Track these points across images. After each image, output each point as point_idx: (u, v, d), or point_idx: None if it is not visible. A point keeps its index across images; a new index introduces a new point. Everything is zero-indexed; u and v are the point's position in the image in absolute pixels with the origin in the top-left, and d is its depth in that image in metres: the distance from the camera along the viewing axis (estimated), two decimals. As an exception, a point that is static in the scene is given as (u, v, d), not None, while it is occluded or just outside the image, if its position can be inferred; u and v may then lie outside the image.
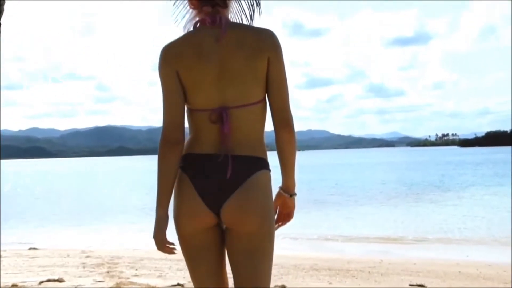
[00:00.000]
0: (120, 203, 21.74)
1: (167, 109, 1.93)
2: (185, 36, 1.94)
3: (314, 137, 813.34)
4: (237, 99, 1.89)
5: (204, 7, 1.93)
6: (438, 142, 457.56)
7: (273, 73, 1.91)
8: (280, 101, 1.94)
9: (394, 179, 32.11)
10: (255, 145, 1.93)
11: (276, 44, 1.92)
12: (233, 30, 1.90)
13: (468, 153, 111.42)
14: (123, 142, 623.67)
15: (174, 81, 1.91)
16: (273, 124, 1.97)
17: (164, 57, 1.93)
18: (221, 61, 1.87)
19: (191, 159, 1.91)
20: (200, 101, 1.90)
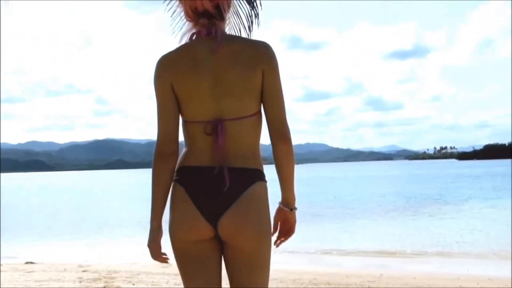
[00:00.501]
0: (117, 216, 21.61)
1: (161, 121, 1.93)
2: (180, 48, 1.94)
3: (313, 150, 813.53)
4: (232, 111, 1.88)
5: (201, 19, 1.94)
6: (436, 155, 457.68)
7: (268, 86, 1.91)
8: (276, 113, 1.93)
9: (392, 192, 32.02)
10: (251, 157, 1.92)
11: (271, 56, 1.91)
12: (229, 43, 1.90)
13: (466, 166, 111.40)
14: (122, 155, 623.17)
15: (168, 93, 1.91)
16: (269, 136, 1.96)
17: (159, 68, 1.93)
18: (216, 73, 1.87)
19: (186, 172, 1.90)
20: (194, 113, 1.90)
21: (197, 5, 1.92)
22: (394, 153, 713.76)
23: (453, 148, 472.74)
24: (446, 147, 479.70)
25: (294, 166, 2.00)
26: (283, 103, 1.95)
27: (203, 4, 1.91)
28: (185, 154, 1.94)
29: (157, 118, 1.95)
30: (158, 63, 1.94)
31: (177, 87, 1.89)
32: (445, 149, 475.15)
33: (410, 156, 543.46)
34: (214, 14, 1.93)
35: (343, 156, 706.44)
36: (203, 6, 1.92)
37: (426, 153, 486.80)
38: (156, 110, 1.95)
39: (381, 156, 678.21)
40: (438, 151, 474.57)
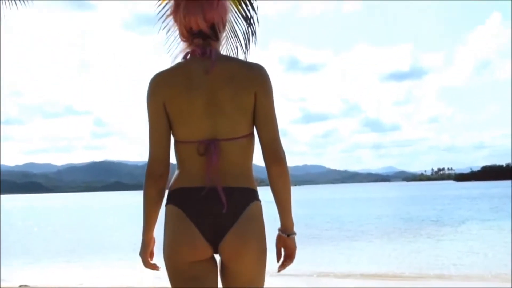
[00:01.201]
0: (113, 239, 21.45)
1: (152, 141, 1.93)
2: (174, 67, 1.93)
3: (310, 172, 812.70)
4: (225, 132, 1.88)
5: (195, 39, 1.94)
6: (434, 177, 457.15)
7: (261, 107, 1.90)
8: (269, 135, 1.92)
9: (390, 214, 31.88)
10: (244, 177, 1.92)
11: (264, 78, 1.91)
12: (223, 63, 1.90)
13: (464, 188, 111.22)
14: (119, 177, 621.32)
15: (161, 112, 1.90)
16: (263, 159, 1.95)
17: (152, 87, 1.92)
18: (209, 93, 1.87)
19: (182, 194, 1.89)
20: (187, 133, 1.89)
21: (192, 25, 1.91)
22: (391, 175, 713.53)
23: (451, 170, 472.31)
24: (444, 169, 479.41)
25: (291, 189, 1.97)
26: (277, 125, 1.94)
27: (198, 25, 1.91)
28: (178, 176, 1.93)
29: (148, 137, 1.94)
30: (152, 81, 1.92)
31: (170, 106, 1.88)
32: (442, 170, 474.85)
33: (407, 177, 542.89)
34: (209, 34, 1.93)
35: (341, 178, 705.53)
36: (198, 26, 1.91)
37: (424, 175, 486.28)
38: (147, 129, 1.94)
39: (378, 178, 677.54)
40: (436, 172, 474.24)
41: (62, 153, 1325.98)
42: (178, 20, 1.94)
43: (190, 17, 1.90)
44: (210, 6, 1.90)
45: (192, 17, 1.89)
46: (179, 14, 1.92)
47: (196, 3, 1.90)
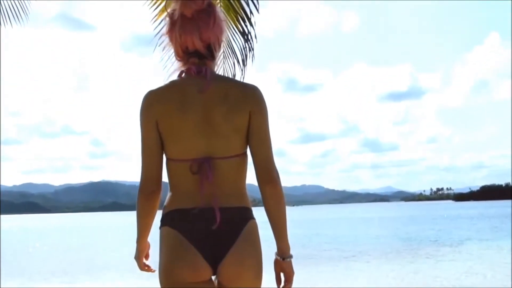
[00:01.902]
0: (109, 260, 21.23)
1: (144, 160, 1.92)
2: (168, 84, 1.92)
3: (309, 192, 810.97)
4: (218, 150, 1.87)
5: (191, 58, 1.93)
6: (432, 197, 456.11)
7: (255, 128, 1.90)
8: (263, 156, 1.91)
9: (389, 234, 31.70)
10: (239, 195, 1.91)
11: (259, 98, 1.91)
12: (218, 82, 1.90)
13: (463, 207, 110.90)
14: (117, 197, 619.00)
15: (153, 129, 1.89)
16: (257, 180, 1.93)
17: (145, 104, 1.90)
18: (203, 112, 1.86)
19: (177, 215, 1.86)
20: (179, 151, 1.88)
21: (188, 44, 1.91)
22: (390, 195, 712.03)
23: (450, 189, 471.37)
24: (443, 188, 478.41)
25: (286, 210, 1.94)
26: (271, 145, 1.93)
27: (194, 44, 1.90)
28: (171, 198, 1.91)
29: (140, 155, 1.93)
30: (145, 98, 1.91)
31: (162, 123, 1.87)
32: (441, 190, 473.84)
33: (406, 197, 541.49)
34: (205, 54, 1.92)
35: (339, 198, 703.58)
36: (194, 46, 1.90)
37: (423, 195, 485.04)
38: (140, 146, 1.93)
39: (377, 198, 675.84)
40: (435, 192, 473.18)
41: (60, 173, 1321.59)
42: (174, 39, 1.93)
43: (186, 37, 1.89)
44: (206, 26, 1.89)
45: (188, 37, 1.89)
46: (174, 33, 1.91)
47: (192, 23, 1.89)
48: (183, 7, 1.88)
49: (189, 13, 1.88)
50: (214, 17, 1.91)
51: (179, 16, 1.89)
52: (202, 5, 1.89)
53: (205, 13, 1.90)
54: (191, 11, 1.87)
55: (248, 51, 4.61)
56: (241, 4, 4.55)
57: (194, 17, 1.88)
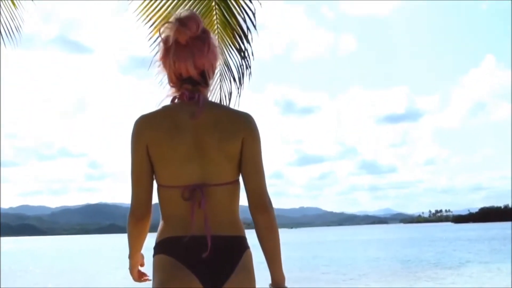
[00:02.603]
0: (106, 283, 20.96)
1: (135, 185, 1.91)
2: (161, 110, 1.91)
3: (307, 214, 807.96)
4: (210, 177, 1.85)
5: (184, 84, 1.92)
6: (431, 219, 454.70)
7: (247, 155, 1.88)
8: (256, 184, 1.90)
9: (388, 257, 31.43)
10: (232, 223, 1.89)
11: (251, 126, 1.90)
12: (210, 109, 1.89)
13: (462, 230, 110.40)
14: (114, 219, 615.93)
15: (144, 155, 1.87)
16: (249, 209, 1.91)
17: (137, 128, 1.89)
18: (194, 139, 1.85)
19: (171, 244, 1.84)
20: (171, 178, 1.86)
21: (182, 71, 1.89)
22: (389, 217, 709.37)
23: (449, 211, 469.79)
24: (441, 210, 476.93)
25: (279, 240, 1.92)
26: (263, 174, 1.92)
27: (188, 71, 1.89)
28: (163, 226, 1.89)
29: (130, 180, 1.92)
30: (136, 123, 1.89)
31: (153, 149, 1.86)
32: (440, 212, 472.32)
33: (405, 219, 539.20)
34: (199, 81, 1.91)
35: (338, 220, 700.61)
36: (188, 72, 1.89)
37: (421, 217, 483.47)
38: (130, 171, 1.92)
39: (375, 220, 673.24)
40: (434, 214, 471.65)
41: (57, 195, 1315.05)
42: (168, 65, 1.92)
43: (180, 63, 1.88)
44: (201, 53, 1.88)
45: (182, 63, 1.88)
46: (168, 59, 1.90)
47: (186, 49, 1.87)
48: (178, 34, 1.86)
49: (183, 40, 1.87)
50: (209, 43, 1.91)
51: (173, 42, 1.88)
52: (197, 32, 1.88)
53: (200, 39, 1.89)
54: (185, 38, 1.86)
55: (244, 68, 4.53)
56: (238, 21, 4.48)
57: (188, 44, 1.87)
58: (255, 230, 1.91)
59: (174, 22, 1.89)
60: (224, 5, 4.51)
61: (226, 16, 4.51)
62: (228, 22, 4.52)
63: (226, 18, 4.51)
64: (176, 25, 1.87)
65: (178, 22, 1.87)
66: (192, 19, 1.88)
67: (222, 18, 4.54)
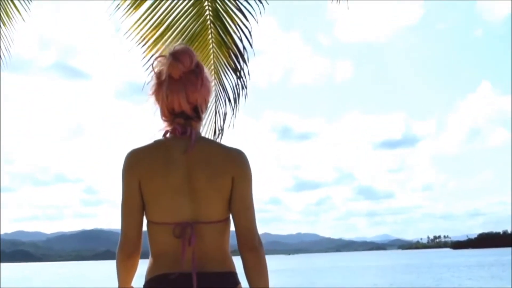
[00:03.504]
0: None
1: (124, 220, 1.89)
2: (153, 144, 1.90)
3: (304, 240, 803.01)
4: (202, 215, 1.84)
5: (177, 119, 1.91)
6: (430, 245, 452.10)
7: (237, 194, 1.87)
8: (245, 223, 1.89)
9: (387, 283, 31.05)
10: (223, 259, 1.87)
11: (243, 164, 1.90)
12: (202, 145, 1.88)
13: (462, 255, 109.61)
14: (110, 245, 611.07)
15: (135, 190, 1.86)
16: (238, 247, 1.91)
17: (129, 163, 1.88)
18: (186, 175, 1.84)
19: (161, 281, 1.81)
20: (162, 214, 1.84)
21: (175, 106, 1.89)
22: (387, 243, 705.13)
23: (447, 237, 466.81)
24: (440, 236, 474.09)
25: (268, 279, 1.90)
26: (253, 212, 1.92)
27: (181, 106, 1.88)
28: (152, 263, 1.87)
29: (120, 214, 1.89)
30: (128, 158, 1.89)
31: (145, 185, 1.85)
32: (438, 238, 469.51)
33: (403, 245, 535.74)
34: (191, 115, 1.91)
35: (335, 246, 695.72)
36: (181, 107, 1.88)
37: (420, 243, 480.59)
38: (120, 205, 1.89)
39: (373, 246, 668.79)
40: (432, 240, 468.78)
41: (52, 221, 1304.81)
42: (160, 99, 1.91)
43: (173, 97, 1.88)
44: (194, 87, 1.88)
45: (175, 98, 1.87)
46: (161, 93, 1.90)
47: (179, 84, 1.87)
48: (171, 68, 1.87)
49: (177, 74, 1.87)
50: (202, 78, 1.91)
51: (166, 76, 1.88)
52: (190, 66, 1.89)
53: (193, 74, 1.89)
54: (179, 72, 1.87)
55: (240, 88, 4.40)
56: (233, 40, 4.37)
57: (181, 78, 1.88)
58: (243, 269, 1.89)
59: (167, 56, 1.89)
60: (219, 23, 4.40)
61: (222, 35, 4.40)
62: (223, 41, 4.41)
63: (221, 37, 4.41)
64: (169, 59, 1.87)
65: (172, 56, 1.87)
66: (186, 54, 1.88)
67: (218, 37, 4.43)
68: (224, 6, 4.33)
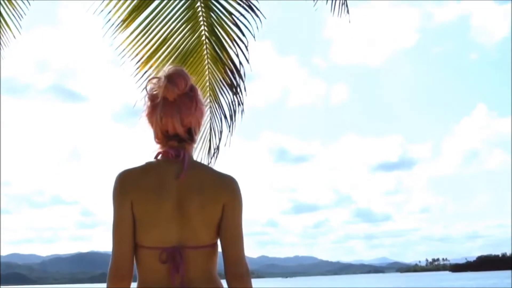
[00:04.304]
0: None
1: (116, 241, 1.86)
2: (145, 166, 1.89)
3: (302, 263, 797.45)
4: (190, 240, 1.84)
5: (170, 141, 1.90)
6: (428, 267, 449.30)
7: (227, 221, 1.88)
8: (234, 251, 1.89)
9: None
10: (208, 280, 1.87)
11: (234, 192, 1.90)
12: (195, 170, 1.88)
13: (461, 279, 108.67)
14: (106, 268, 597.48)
15: (128, 211, 1.84)
16: (225, 274, 1.91)
17: (121, 184, 1.87)
18: (177, 200, 1.83)
19: None
20: (151, 238, 1.84)
21: (169, 128, 1.89)
22: (385, 266, 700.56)
23: (446, 260, 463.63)
24: (438, 259, 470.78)
25: None
26: (242, 240, 1.92)
27: (175, 128, 1.88)
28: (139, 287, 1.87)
29: (112, 236, 1.87)
30: (121, 178, 1.88)
31: (138, 207, 1.83)
32: (437, 261, 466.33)
33: (402, 268, 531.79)
34: (185, 138, 1.90)
35: (333, 269, 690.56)
36: (175, 130, 1.89)
37: (418, 265, 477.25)
38: (112, 227, 1.87)
39: (372, 269, 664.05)
40: (430, 263, 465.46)
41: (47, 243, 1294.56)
42: (154, 121, 1.91)
43: (167, 120, 1.88)
44: (188, 110, 1.89)
45: (169, 121, 1.88)
46: (155, 115, 1.90)
47: (174, 106, 1.88)
48: (166, 91, 1.87)
49: (171, 97, 1.87)
50: (196, 101, 1.92)
51: (161, 99, 1.88)
52: (185, 89, 1.89)
53: (187, 97, 1.90)
54: (173, 95, 1.87)
55: (236, 105, 4.26)
56: (229, 56, 4.25)
57: (176, 101, 1.88)
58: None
59: (162, 78, 1.89)
60: (215, 39, 4.30)
61: (217, 51, 4.30)
62: (219, 56, 4.30)
63: (217, 53, 4.30)
64: (164, 82, 1.87)
65: (167, 79, 1.87)
66: (181, 76, 1.89)
67: (213, 53, 4.32)
68: (219, 21, 4.23)
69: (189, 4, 4.25)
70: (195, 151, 4.39)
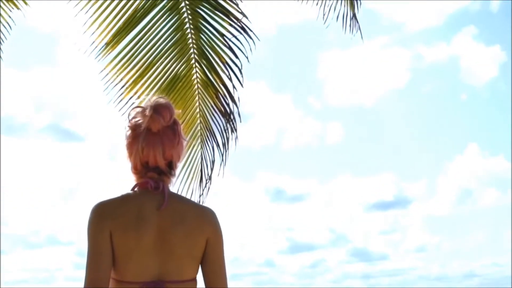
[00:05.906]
0: None
1: (90, 273, 1.73)
2: (123, 197, 1.83)
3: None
4: (172, 273, 1.78)
5: (149, 173, 1.84)
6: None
7: (211, 256, 1.85)
8: (220, 284, 1.86)
9: None
10: None
11: (216, 224, 1.88)
12: (175, 202, 1.84)
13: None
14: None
15: (106, 243, 1.74)
16: None
17: (99, 214, 1.78)
18: (158, 233, 1.77)
19: None
20: (130, 272, 1.76)
21: (150, 160, 1.82)
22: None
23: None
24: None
25: None
26: (225, 274, 1.89)
27: (156, 160, 1.82)
28: None
29: (86, 269, 1.74)
30: (97, 209, 1.79)
31: (117, 239, 1.75)
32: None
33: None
34: (165, 171, 1.85)
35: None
36: (156, 162, 1.82)
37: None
38: (86, 260, 1.75)
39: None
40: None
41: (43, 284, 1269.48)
42: (134, 152, 1.84)
43: (148, 151, 1.81)
44: (171, 143, 1.84)
45: (151, 152, 1.82)
46: (136, 146, 1.83)
47: (157, 138, 1.82)
48: (151, 121, 1.81)
49: (156, 128, 1.82)
50: (179, 135, 1.87)
51: (144, 129, 1.82)
52: (169, 122, 1.85)
53: (171, 129, 1.85)
54: (158, 127, 1.82)
55: (230, 132, 3.94)
56: (221, 79, 3.96)
57: (159, 133, 1.83)
58: None
59: (147, 108, 1.83)
60: (205, 62, 4.02)
61: (208, 75, 4.02)
62: (210, 81, 4.03)
63: (207, 77, 4.02)
64: (150, 112, 1.82)
65: (153, 109, 1.82)
66: (167, 108, 1.84)
67: (203, 77, 4.04)
68: (210, 43, 3.96)
69: (177, 26, 3.99)
70: (186, 182, 4.09)
